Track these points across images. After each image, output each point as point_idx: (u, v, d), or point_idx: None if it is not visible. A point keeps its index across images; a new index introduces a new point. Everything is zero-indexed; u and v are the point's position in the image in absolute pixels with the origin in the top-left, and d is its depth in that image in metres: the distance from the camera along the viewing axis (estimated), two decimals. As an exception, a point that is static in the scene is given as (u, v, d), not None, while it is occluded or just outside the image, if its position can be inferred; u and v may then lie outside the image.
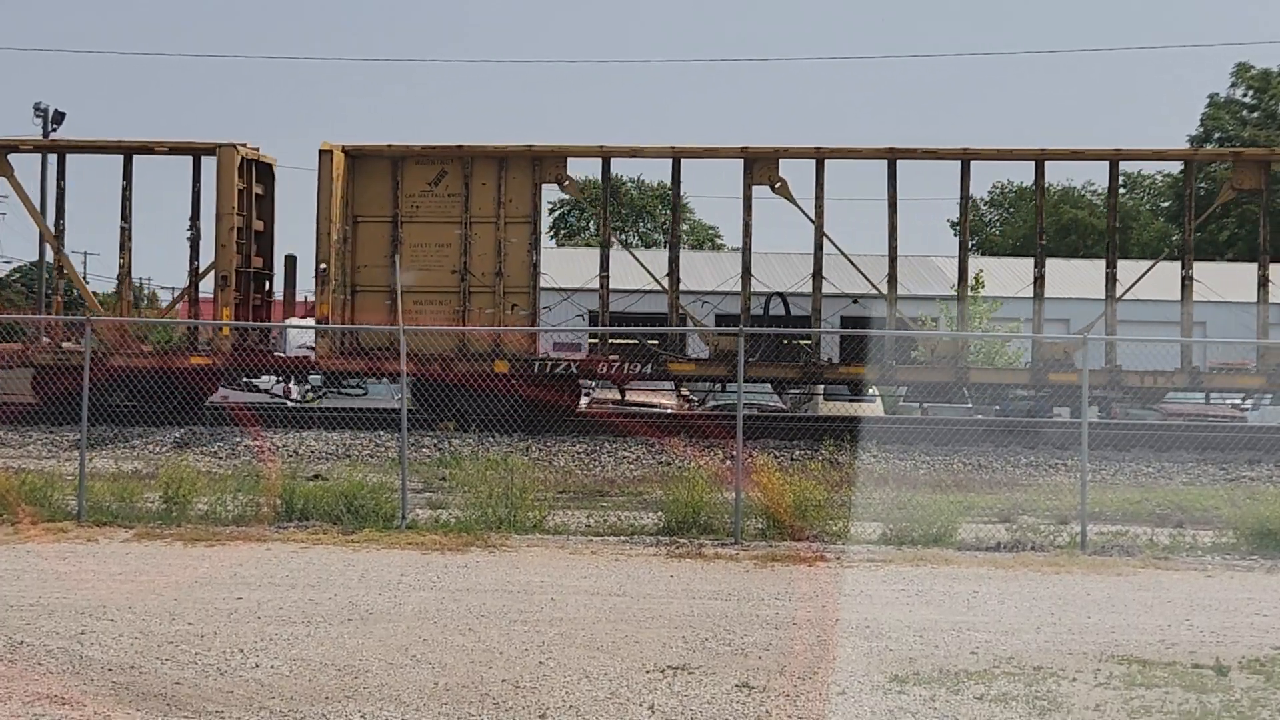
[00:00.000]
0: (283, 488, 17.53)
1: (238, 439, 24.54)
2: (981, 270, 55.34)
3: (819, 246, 26.65)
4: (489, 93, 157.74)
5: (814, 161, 26.67)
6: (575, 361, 27.02)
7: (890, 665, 10.64)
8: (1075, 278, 56.55)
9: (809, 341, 26.77)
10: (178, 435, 24.85)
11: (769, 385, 30.78)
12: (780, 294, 28.87)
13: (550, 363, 26.79)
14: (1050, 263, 32.54)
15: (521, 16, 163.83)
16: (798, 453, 23.56)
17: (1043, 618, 12.53)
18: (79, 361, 25.02)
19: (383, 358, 26.17)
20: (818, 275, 26.67)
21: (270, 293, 29.34)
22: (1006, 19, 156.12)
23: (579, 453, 24.14)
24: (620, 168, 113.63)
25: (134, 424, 25.16)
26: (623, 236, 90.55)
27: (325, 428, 25.52)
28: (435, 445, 24.17)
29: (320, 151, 26.55)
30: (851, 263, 26.49)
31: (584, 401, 37.23)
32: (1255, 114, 68.57)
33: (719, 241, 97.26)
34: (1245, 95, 69.09)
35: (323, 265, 26.40)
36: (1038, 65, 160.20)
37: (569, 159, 27.18)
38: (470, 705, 9.47)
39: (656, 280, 26.90)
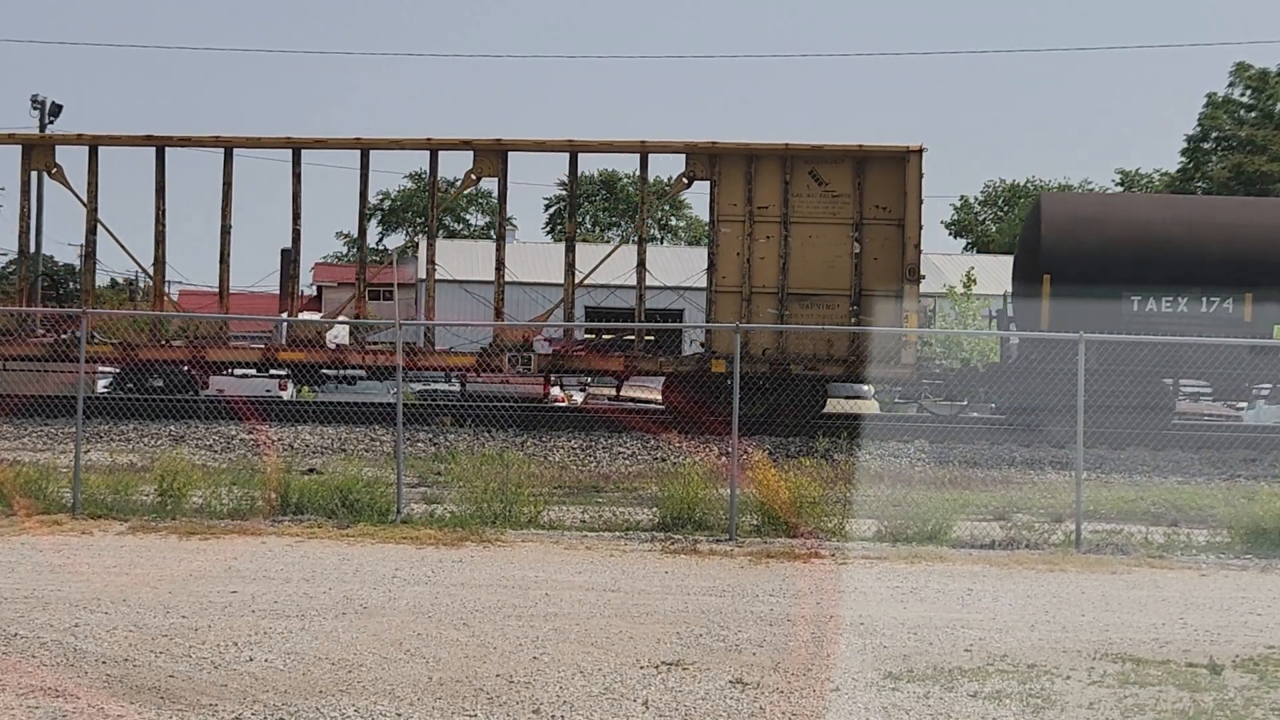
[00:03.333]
0: (278, 481, 17.53)
1: (233, 432, 24.51)
2: (973, 268, 55.42)
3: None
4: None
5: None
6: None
7: (885, 662, 10.64)
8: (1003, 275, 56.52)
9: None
10: (172, 429, 24.82)
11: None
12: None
13: None
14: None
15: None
16: (793, 449, 23.55)
17: (1037, 615, 12.53)
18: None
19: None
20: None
21: None
22: (1002, 18, 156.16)
23: (574, 448, 24.12)
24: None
25: (128, 417, 25.14)
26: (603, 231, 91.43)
27: (320, 422, 25.50)
28: (431, 440, 24.15)
29: None
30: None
31: (579, 397, 37.33)
32: (1253, 114, 68.55)
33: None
34: (1243, 95, 69.07)
35: None
36: (1035, 64, 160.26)
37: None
38: (464, 700, 9.47)
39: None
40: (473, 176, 28.16)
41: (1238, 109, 69.17)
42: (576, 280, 27.83)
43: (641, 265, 27.45)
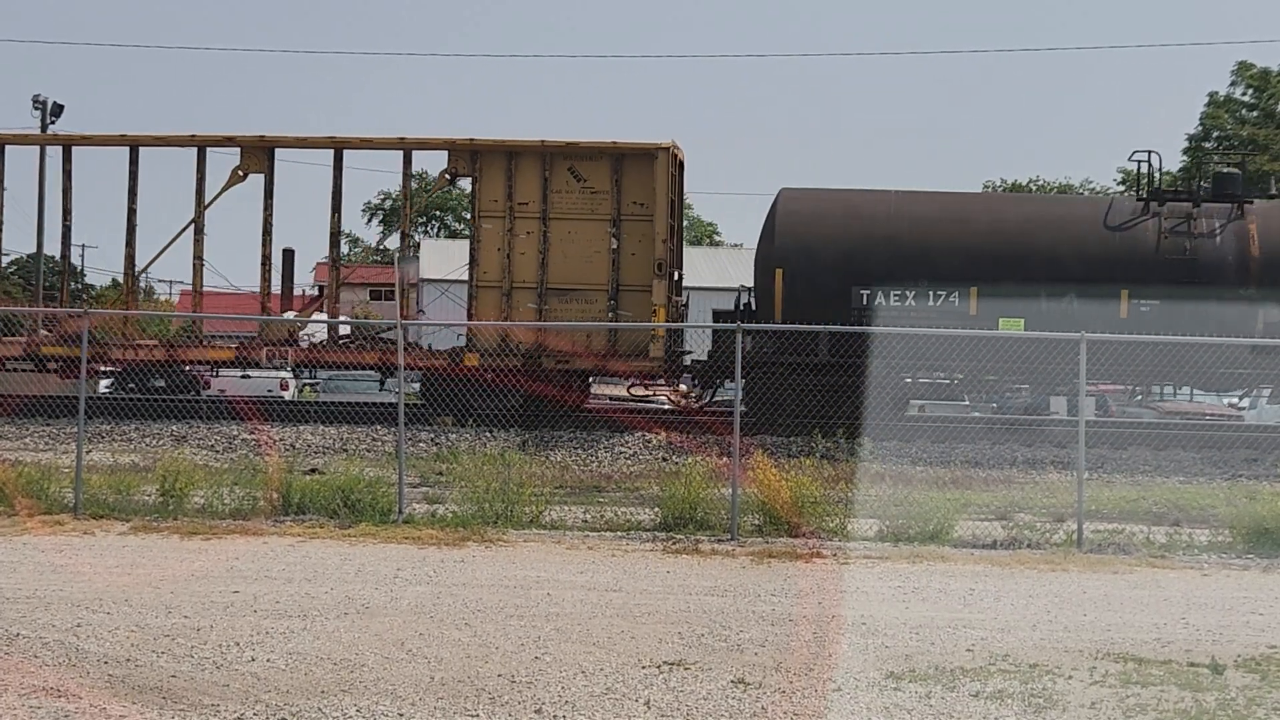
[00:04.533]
0: (280, 481, 17.53)
1: (234, 432, 24.51)
2: None
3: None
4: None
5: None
6: None
7: (886, 662, 10.64)
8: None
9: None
10: (174, 428, 24.83)
11: None
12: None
13: None
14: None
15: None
16: (795, 449, 23.55)
17: (1039, 615, 12.53)
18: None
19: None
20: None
21: None
22: (1002, 17, 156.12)
23: (576, 448, 24.12)
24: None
25: (130, 417, 25.16)
26: None
27: (322, 422, 25.51)
28: (433, 440, 24.15)
29: None
30: None
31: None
32: (1255, 113, 68.47)
33: (717, 238, 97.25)
34: (1245, 94, 69.01)
35: None
36: (1036, 63, 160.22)
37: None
38: (466, 700, 9.47)
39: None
40: (239, 173, 28.17)
41: (1239, 108, 69.05)
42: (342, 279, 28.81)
43: (404, 261, 28.60)
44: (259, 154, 27.94)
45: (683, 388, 34.58)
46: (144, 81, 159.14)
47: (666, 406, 30.19)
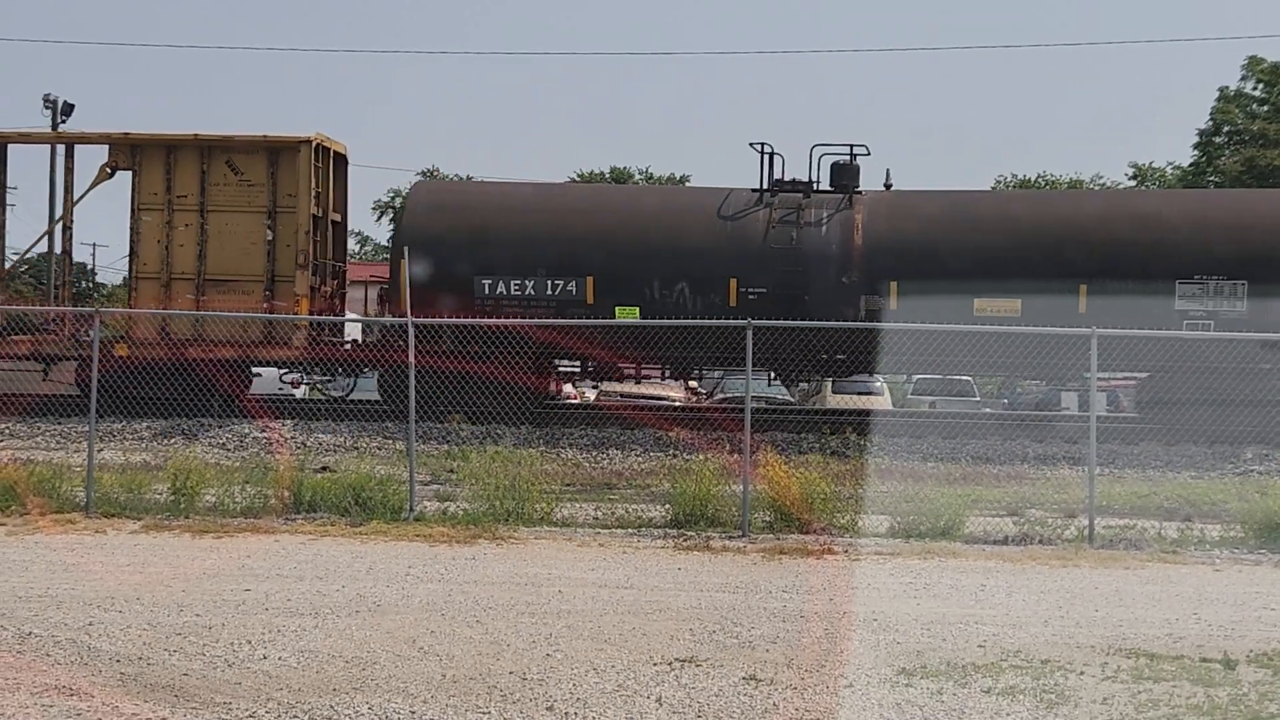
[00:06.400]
0: (291, 480, 17.56)
1: (246, 431, 24.54)
2: None
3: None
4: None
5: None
6: None
7: (898, 658, 10.64)
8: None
9: None
10: (185, 426, 24.86)
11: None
12: None
13: None
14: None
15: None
16: (805, 445, 23.55)
17: (1050, 611, 12.52)
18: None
19: None
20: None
21: None
22: (1012, 13, 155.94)
23: (587, 445, 24.14)
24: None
25: (141, 415, 25.20)
26: None
27: (333, 419, 25.54)
28: (443, 437, 24.17)
29: None
30: None
31: (591, 395, 37.31)
32: (1265, 108, 68.28)
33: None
34: (1255, 89, 68.83)
35: None
36: (1047, 58, 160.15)
37: None
38: (478, 697, 9.48)
39: None
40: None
41: (1250, 103, 68.85)
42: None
43: (67, 254, 28.53)
44: None
45: (693, 384, 34.67)
46: (155, 79, 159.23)
47: (678, 404, 30.22)
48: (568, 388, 36.13)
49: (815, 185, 26.74)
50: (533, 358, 25.35)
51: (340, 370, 28.49)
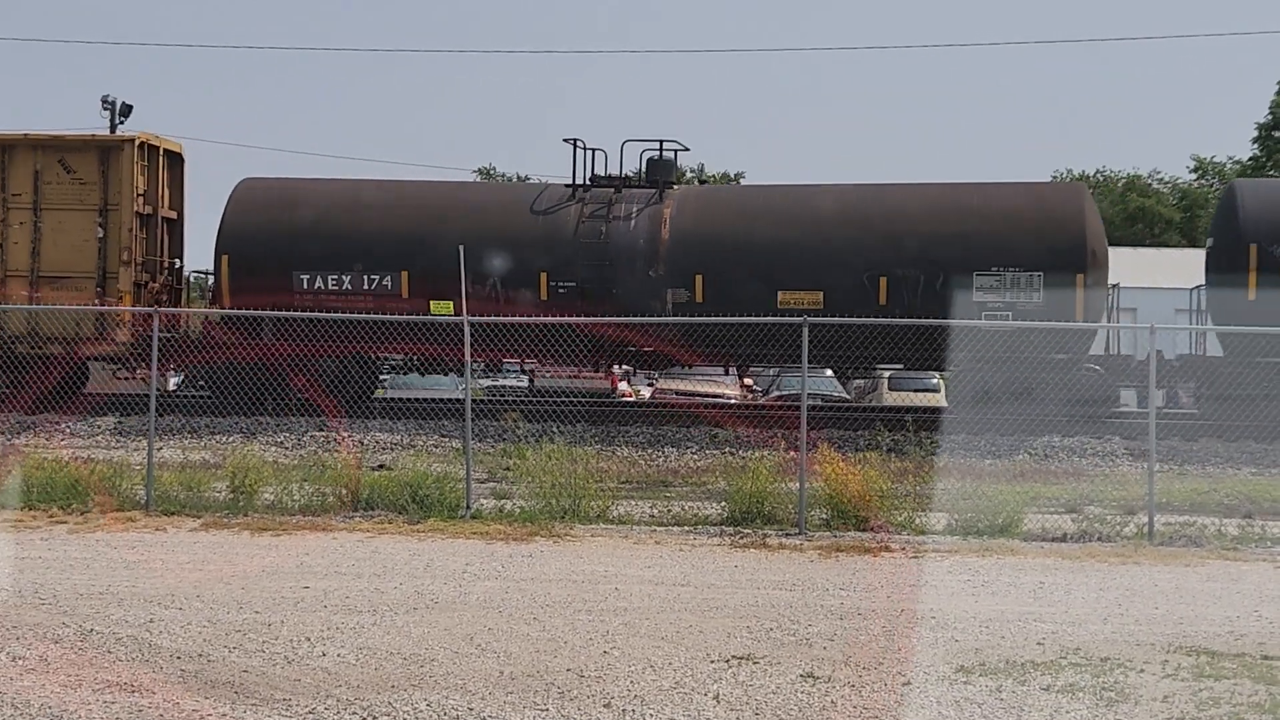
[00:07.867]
0: (350, 478, 17.64)
1: (303, 428, 24.68)
2: None
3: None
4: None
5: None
6: None
7: (956, 656, 10.60)
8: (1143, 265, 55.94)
9: None
10: (245, 424, 25.02)
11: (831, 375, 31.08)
12: None
13: None
14: (1119, 251, 32.32)
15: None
16: (861, 443, 23.47)
17: (1110, 608, 12.45)
18: None
19: None
20: None
21: None
22: (1067, 5, 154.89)
23: (642, 443, 24.14)
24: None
25: (202, 414, 25.44)
26: None
27: (390, 417, 25.65)
28: (499, 435, 24.23)
29: None
30: None
31: (646, 392, 37.35)
32: (1327, 101, 67.71)
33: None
34: (1317, 81, 68.26)
35: None
36: (1106, 54, 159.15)
37: None
38: (536, 694, 9.51)
39: None
40: None
41: (1312, 96, 68.32)
42: None
43: None
44: None
45: (748, 381, 34.61)
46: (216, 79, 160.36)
47: (734, 401, 30.21)
48: (623, 385, 36.19)
49: (627, 180, 27.06)
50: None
51: (173, 365, 28.91)
